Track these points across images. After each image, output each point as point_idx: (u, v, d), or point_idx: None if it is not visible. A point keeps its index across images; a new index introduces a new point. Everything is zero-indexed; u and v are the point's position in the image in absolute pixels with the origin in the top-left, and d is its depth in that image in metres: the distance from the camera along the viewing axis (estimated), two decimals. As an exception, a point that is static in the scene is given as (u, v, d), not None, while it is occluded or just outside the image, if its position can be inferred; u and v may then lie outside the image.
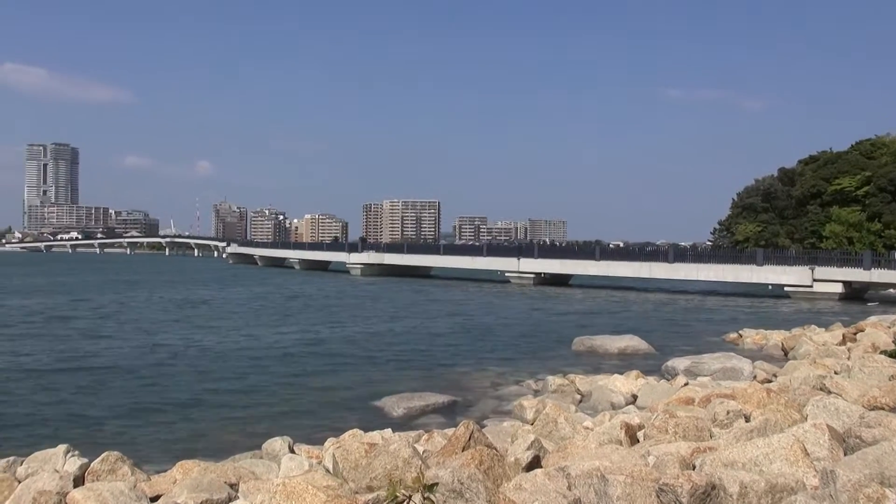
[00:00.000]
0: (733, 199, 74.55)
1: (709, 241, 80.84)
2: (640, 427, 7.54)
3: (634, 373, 12.78)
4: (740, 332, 20.83)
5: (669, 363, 14.50)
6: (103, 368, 14.68)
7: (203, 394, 12.38)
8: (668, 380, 12.90)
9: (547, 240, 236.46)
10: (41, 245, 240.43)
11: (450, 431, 7.64)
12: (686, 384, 11.61)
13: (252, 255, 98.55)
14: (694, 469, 5.51)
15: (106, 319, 24.77)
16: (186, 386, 13.08)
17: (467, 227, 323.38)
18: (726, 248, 63.31)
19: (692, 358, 14.53)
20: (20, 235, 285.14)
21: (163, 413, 10.96)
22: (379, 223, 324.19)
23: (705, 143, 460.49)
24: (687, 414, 7.55)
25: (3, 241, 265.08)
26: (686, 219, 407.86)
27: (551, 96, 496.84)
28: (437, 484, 4.85)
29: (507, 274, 52.24)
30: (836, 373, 11.45)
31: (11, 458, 7.17)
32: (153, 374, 14.22)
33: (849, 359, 13.50)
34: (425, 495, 3.77)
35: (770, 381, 11.77)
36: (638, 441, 7.17)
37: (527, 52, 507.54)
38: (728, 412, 7.63)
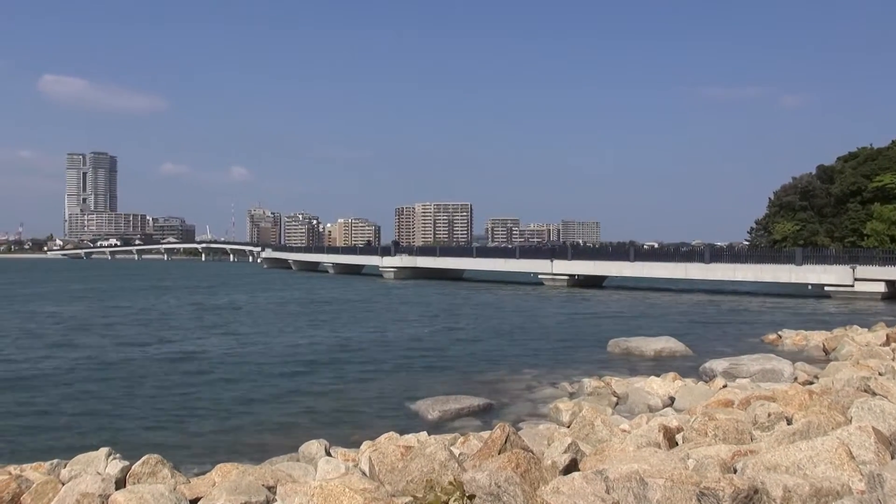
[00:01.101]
0: (770, 198, 73.37)
1: (746, 240, 79.59)
2: (679, 430, 7.44)
3: (671, 375, 12.62)
4: (780, 332, 20.45)
5: (707, 365, 14.30)
6: (139, 373, 14.91)
7: (239, 397, 12.50)
8: (706, 382, 12.72)
9: (580, 241, 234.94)
10: (81, 252, 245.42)
11: (485, 434, 7.61)
12: (725, 386, 11.44)
13: (286, 260, 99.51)
14: (735, 473, 5.42)
15: (141, 325, 25.17)
16: (222, 390, 13.22)
17: (500, 229, 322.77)
18: (764, 247, 62.28)
19: (730, 359, 14.30)
20: (61, 243, 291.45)
21: (199, 416, 11.09)
22: (411, 226, 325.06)
23: (741, 141, 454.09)
24: (727, 416, 7.43)
25: (46, 248, 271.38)
26: (722, 218, 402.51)
27: (584, 96, 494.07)
28: (474, 496, 4.83)
29: (540, 276, 51.99)
30: (880, 374, 11.17)
31: (55, 461, 7.31)
32: (190, 378, 14.40)
33: (893, 360, 13.18)
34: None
35: (812, 383, 11.55)
36: (676, 444, 7.08)
37: (560, 53, 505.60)
38: (769, 414, 7.49)
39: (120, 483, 6.59)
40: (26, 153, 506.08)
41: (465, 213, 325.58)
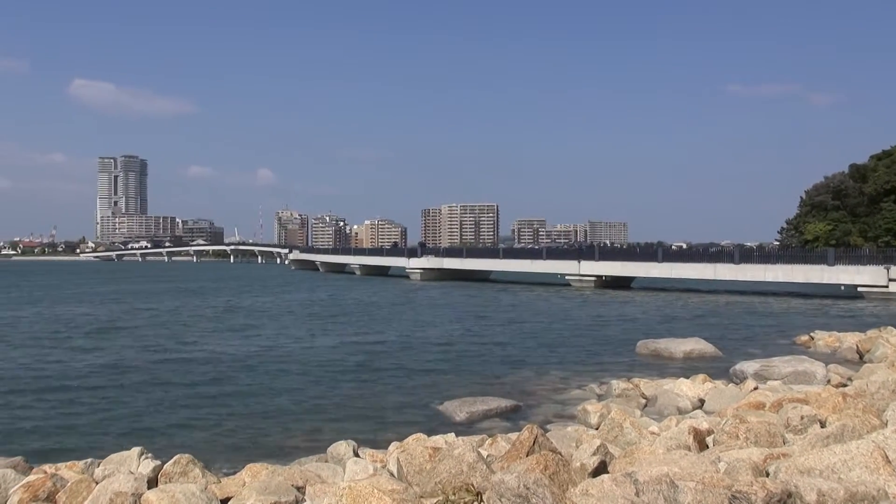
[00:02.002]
0: (802, 198, 72.30)
1: (776, 240, 78.58)
2: (709, 432, 7.35)
3: (701, 377, 12.48)
4: (812, 334, 20.13)
5: (738, 367, 14.13)
6: (168, 374, 15.09)
7: (267, 398, 12.59)
8: (736, 384, 12.56)
9: (607, 242, 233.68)
10: (113, 255, 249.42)
11: (513, 436, 7.59)
12: (756, 388, 11.29)
13: (314, 262, 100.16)
14: (768, 476, 5.35)
15: (171, 326, 25.49)
16: (250, 391, 13.33)
17: (526, 230, 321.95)
18: (795, 247, 61.36)
19: (761, 361, 14.12)
20: (93, 245, 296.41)
21: (228, 417, 11.19)
22: (437, 228, 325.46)
23: (771, 140, 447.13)
24: (758, 419, 7.33)
25: (78, 251, 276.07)
26: (752, 219, 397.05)
27: (610, 95, 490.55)
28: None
29: (567, 277, 51.76)
30: (916, 376, 10.95)
31: (89, 460, 7.43)
32: (218, 379, 14.55)
33: (930, 362, 12.92)
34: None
35: (845, 386, 11.36)
36: (707, 447, 7.00)
37: (584, 53, 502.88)
38: (802, 417, 7.37)
39: (152, 482, 6.68)
40: (59, 157, 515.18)
41: (491, 215, 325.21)
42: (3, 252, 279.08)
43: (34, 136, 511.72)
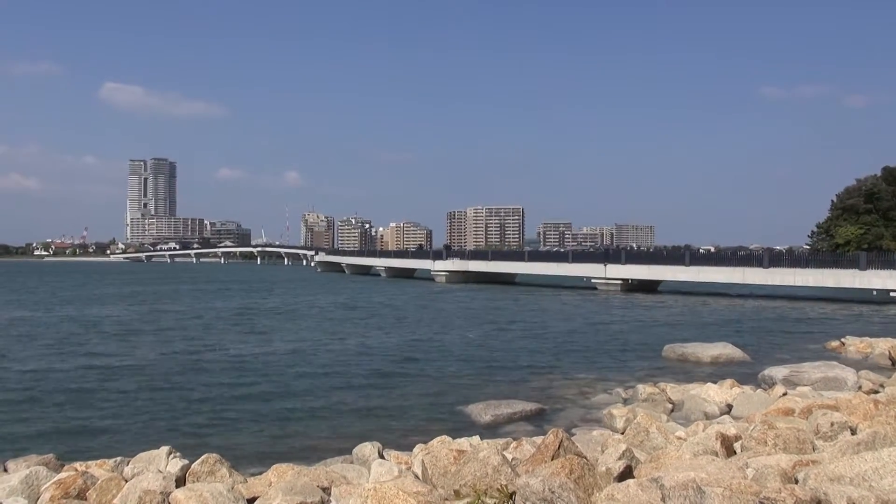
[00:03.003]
0: (833, 201, 71.25)
1: (806, 244, 77.46)
2: (737, 438, 7.28)
3: (729, 381, 12.35)
4: (843, 339, 19.81)
5: (766, 372, 13.95)
6: (192, 374, 15.26)
7: (292, 399, 12.68)
8: (764, 389, 12.40)
9: (634, 245, 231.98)
10: (142, 256, 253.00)
11: (538, 439, 7.57)
12: (785, 394, 11.15)
13: (339, 264, 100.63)
14: (797, 483, 5.28)
15: (197, 327, 25.77)
16: (275, 391, 13.44)
17: (552, 233, 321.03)
18: (826, 251, 60.42)
19: (791, 367, 13.93)
20: (123, 247, 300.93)
21: (253, 417, 11.28)
22: (463, 230, 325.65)
23: (802, 143, 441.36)
24: (787, 425, 7.24)
25: (109, 252, 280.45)
26: (781, 222, 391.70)
27: (638, 98, 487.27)
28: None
29: (593, 280, 51.48)
30: (950, 383, 10.75)
31: (118, 459, 7.54)
32: (244, 379, 14.67)
33: (965, 368, 12.66)
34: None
35: (877, 392, 11.17)
36: (734, 453, 6.93)
37: (613, 55, 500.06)
38: (832, 424, 7.27)
39: (180, 481, 6.76)
40: (90, 160, 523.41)
41: (516, 217, 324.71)
42: (36, 253, 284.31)
43: (66, 138, 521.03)
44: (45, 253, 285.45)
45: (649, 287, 49.72)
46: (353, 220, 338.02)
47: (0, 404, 12.09)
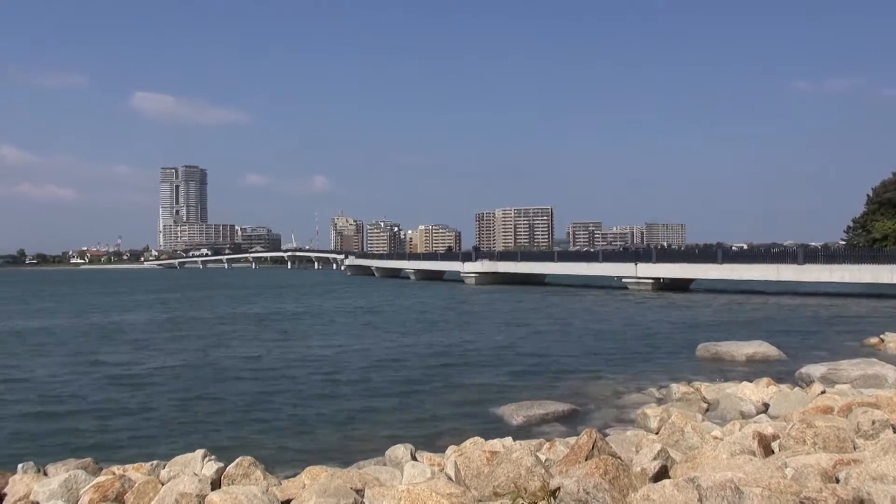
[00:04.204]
0: (869, 195, 69.81)
1: (842, 240, 76.02)
2: (775, 437, 7.15)
3: (765, 380, 12.15)
4: (882, 336, 19.40)
5: (803, 370, 13.71)
6: (224, 377, 15.40)
7: (324, 401, 12.74)
8: (802, 388, 12.19)
9: (665, 244, 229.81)
10: (175, 262, 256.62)
11: (572, 440, 7.52)
12: (823, 392, 10.94)
13: (369, 267, 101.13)
14: (838, 483, 5.17)
15: (226, 330, 26.02)
16: (307, 393, 13.51)
17: (581, 233, 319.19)
18: (862, 247, 59.27)
19: (829, 364, 13.67)
20: (156, 254, 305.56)
21: (286, 420, 11.36)
22: (492, 232, 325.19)
23: (836, 136, 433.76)
24: (826, 423, 7.09)
25: (142, 259, 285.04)
26: (816, 218, 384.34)
27: (667, 95, 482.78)
28: (559, 489, 4.78)
29: (624, 280, 51.04)
30: None
31: (155, 462, 7.64)
32: (275, 382, 14.77)
33: None
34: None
35: (919, 389, 10.90)
36: (772, 452, 6.81)
37: (642, 52, 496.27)
38: (873, 422, 7.10)
39: (215, 484, 6.82)
40: (123, 168, 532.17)
41: (545, 218, 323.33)
42: (72, 261, 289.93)
43: (99, 148, 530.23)
44: (81, 261, 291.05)
45: (681, 286, 49.17)
46: (382, 224, 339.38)
47: (39, 409, 12.32)
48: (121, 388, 14.33)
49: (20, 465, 7.61)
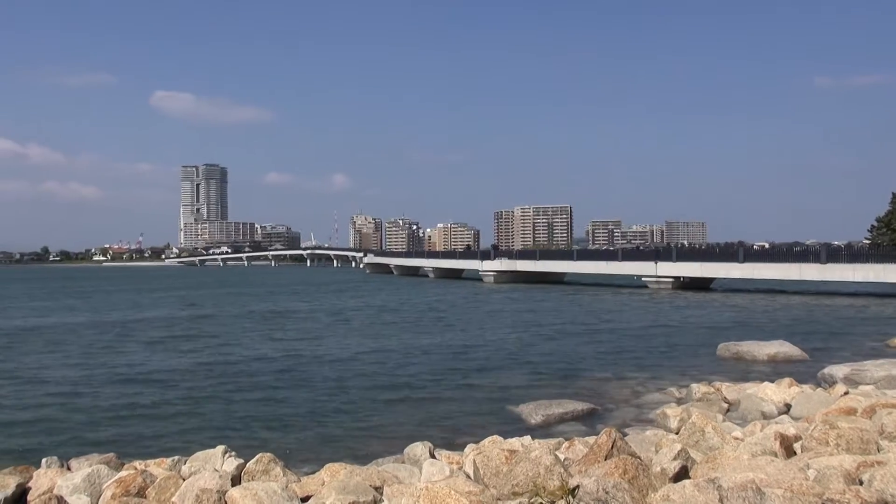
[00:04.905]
0: (894, 193, 68.87)
1: (866, 239, 74.99)
2: (797, 438, 7.09)
3: (787, 380, 12.03)
4: (906, 336, 19.17)
5: (826, 370, 13.56)
6: (241, 375, 15.48)
7: (343, 399, 12.79)
8: (825, 388, 12.04)
9: (685, 242, 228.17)
10: (196, 260, 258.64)
11: (591, 439, 7.49)
12: (846, 393, 10.81)
13: (388, 265, 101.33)
14: (861, 485, 5.11)
15: (249, 329, 26.18)
16: (326, 391, 13.56)
17: (601, 231, 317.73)
18: (887, 246, 58.49)
19: (852, 365, 13.51)
20: (177, 251, 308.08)
21: (305, 417, 11.40)
22: (510, 230, 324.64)
23: (860, 134, 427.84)
24: (850, 425, 7.01)
25: (163, 256, 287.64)
26: (838, 216, 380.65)
27: (687, 92, 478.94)
28: (576, 488, 4.76)
29: (643, 279, 50.76)
30: None
31: (176, 458, 7.70)
32: (293, 380, 14.85)
33: None
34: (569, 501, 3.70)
35: (944, 391, 10.75)
36: (794, 453, 6.75)
37: (663, 48, 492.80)
38: (898, 423, 7.02)
39: (235, 480, 6.86)
40: (144, 167, 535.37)
41: (564, 216, 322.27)
42: (95, 258, 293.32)
43: (121, 147, 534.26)
44: (103, 258, 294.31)
45: (701, 285, 48.82)
46: (401, 222, 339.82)
47: (63, 405, 12.48)
48: (141, 384, 14.47)
49: (44, 460, 7.71)
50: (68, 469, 7.66)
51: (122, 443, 9.72)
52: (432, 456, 7.95)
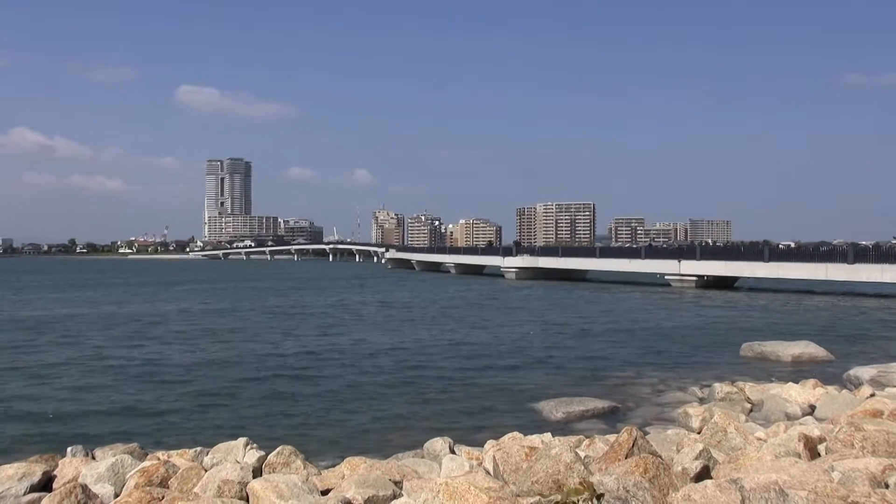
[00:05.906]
0: (923, 193, 67.85)
1: (894, 237, 73.97)
2: (821, 440, 7.00)
3: (811, 381, 11.89)
4: (935, 338, 18.85)
5: (852, 372, 13.38)
6: (263, 369, 15.57)
7: (363, 393, 12.86)
8: (850, 390, 11.90)
9: (709, 241, 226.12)
10: (219, 253, 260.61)
11: (612, 437, 7.45)
12: (872, 395, 10.66)
13: (409, 260, 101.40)
14: (887, 488, 5.03)
15: (271, 323, 26.36)
16: (347, 385, 13.64)
17: (623, 228, 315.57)
18: (915, 246, 57.54)
19: (878, 366, 13.32)
20: (201, 245, 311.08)
21: (326, 411, 11.49)
22: (532, 227, 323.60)
23: (888, 132, 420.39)
24: (876, 427, 6.90)
25: (188, 249, 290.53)
26: (867, 216, 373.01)
27: (713, 89, 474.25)
28: (602, 495, 4.73)
29: (667, 277, 50.36)
30: None
31: (198, 449, 7.79)
32: (313, 374, 14.95)
33: None
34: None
35: (974, 394, 10.56)
36: (818, 455, 6.66)
37: (689, 45, 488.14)
38: (925, 426, 6.90)
39: (256, 472, 6.93)
40: (169, 161, 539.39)
41: (587, 213, 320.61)
42: (121, 251, 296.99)
43: (146, 141, 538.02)
44: (129, 251, 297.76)
45: (726, 284, 48.35)
46: (423, 218, 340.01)
47: (87, 396, 12.67)
48: (164, 377, 14.64)
49: (69, 449, 7.83)
50: (93, 458, 7.77)
51: (145, 433, 9.85)
52: (452, 451, 7.96)
